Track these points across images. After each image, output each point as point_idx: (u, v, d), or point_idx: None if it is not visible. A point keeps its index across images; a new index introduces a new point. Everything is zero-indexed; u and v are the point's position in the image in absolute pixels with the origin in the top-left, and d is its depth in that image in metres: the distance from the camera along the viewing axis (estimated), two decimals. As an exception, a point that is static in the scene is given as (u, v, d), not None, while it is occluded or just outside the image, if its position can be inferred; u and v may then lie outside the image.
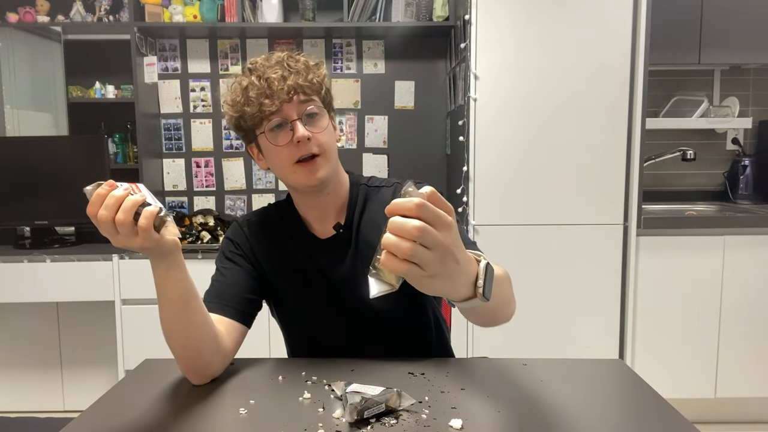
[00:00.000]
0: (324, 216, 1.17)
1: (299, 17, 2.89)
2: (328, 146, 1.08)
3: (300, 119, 1.05)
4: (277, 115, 1.04)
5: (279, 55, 1.08)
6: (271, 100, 1.03)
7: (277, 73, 1.04)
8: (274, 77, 1.03)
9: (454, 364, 1.10)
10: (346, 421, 0.85)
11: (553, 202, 2.39)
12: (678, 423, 0.88)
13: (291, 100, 1.04)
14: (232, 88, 1.09)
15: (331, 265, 1.16)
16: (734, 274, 2.45)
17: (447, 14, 2.80)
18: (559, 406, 0.92)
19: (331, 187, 1.13)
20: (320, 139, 1.06)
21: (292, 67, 1.06)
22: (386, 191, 1.19)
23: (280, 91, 1.03)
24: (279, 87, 1.03)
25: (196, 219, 2.64)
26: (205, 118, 3.03)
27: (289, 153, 1.06)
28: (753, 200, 2.91)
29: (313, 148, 1.06)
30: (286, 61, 1.06)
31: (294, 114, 1.05)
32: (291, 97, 1.04)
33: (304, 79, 1.05)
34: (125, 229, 0.83)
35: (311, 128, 1.06)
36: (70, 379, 2.78)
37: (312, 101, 1.07)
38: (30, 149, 2.59)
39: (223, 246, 1.21)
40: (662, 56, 2.59)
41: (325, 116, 1.09)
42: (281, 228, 1.19)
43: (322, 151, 1.07)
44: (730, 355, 2.48)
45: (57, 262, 2.43)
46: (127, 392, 1.00)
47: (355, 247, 1.15)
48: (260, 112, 1.04)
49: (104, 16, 2.83)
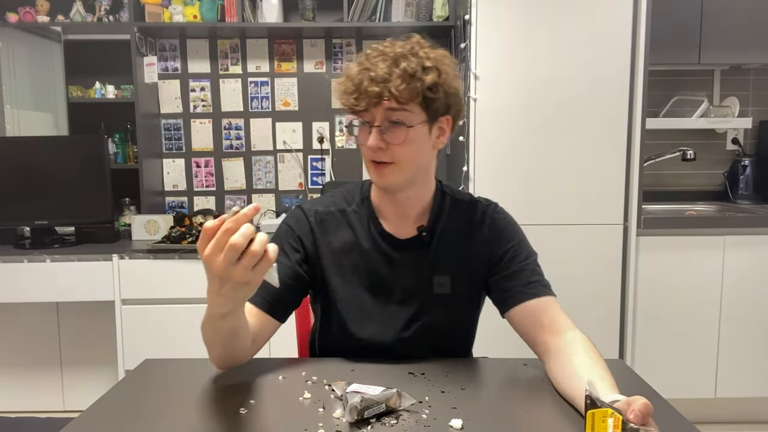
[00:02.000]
0: (403, 216, 1.16)
1: (299, 17, 2.89)
2: (404, 157, 1.06)
3: (380, 126, 1.04)
4: (363, 113, 1.05)
5: (398, 49, 1.04)
6: (359, 101, 1.03)
7: (376, 73, 1.01)
8: (369, 77, 1.01)
9: (454, 364, 1.10)
10: (346, 421, 0.85)
11: (553, 202, 2.39)
12: (678, 423, 0.88)
13: (380, 104, 1.02)
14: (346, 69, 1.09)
15: (405, 266, 1.15)
16: (734, 274, 2.45)
17: (447, 14, 2.80)
18: (560, 406, 0.92)
19: (409, 192, 1.13)
20: (395, 150, 1.05)
21: (395, 69, 1.01)
22: (466, 205, 1.19)
23: (370, 94, 1.01)
24: (370, 88, 1.01)
25: (196, 219, 2.64)
26: (205, 118, 3.03)
27: (366, 151, 1.07)
28: (753, 200, 2.91)
29: (385, 158, 1.05)
30: (393, 62, 1.02)
31: (377, 119, 1.04)
32: (380, 101, 1.02)
33: (401, 85, 1.00)
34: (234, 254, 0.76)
35: (389, 137, 1.04)
36: (70, 379, 2.78)
37: (403, 110, 1.03)
38: (30, 149, 2.59)
39: (281, 232, 1.17)
40: (662, 56, 2.59)
41: (413, 126, 1.04)
42: (355, 221, 1.17)
43: (395, 161, 1.06)
44: (730, 355, 2.48)
45: (57, 262, 2.43)
46: (127, 392, 1.00)
47: (431, 251, 1.15)
48: (351, 106, 1.05)
49: (104, 16, 2.83)
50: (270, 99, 3.03)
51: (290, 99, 3.03)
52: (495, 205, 1.21)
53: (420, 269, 1.15)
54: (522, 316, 1.08)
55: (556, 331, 1.04)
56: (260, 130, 3.05)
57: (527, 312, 1.08)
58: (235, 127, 3.04)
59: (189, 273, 2.44)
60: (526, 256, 1.15)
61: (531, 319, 1.07)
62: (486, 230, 1.16)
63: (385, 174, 1.07)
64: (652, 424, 0.72)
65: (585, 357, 0.95)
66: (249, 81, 3.02)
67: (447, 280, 1.15)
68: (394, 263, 1.15)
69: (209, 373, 1.06)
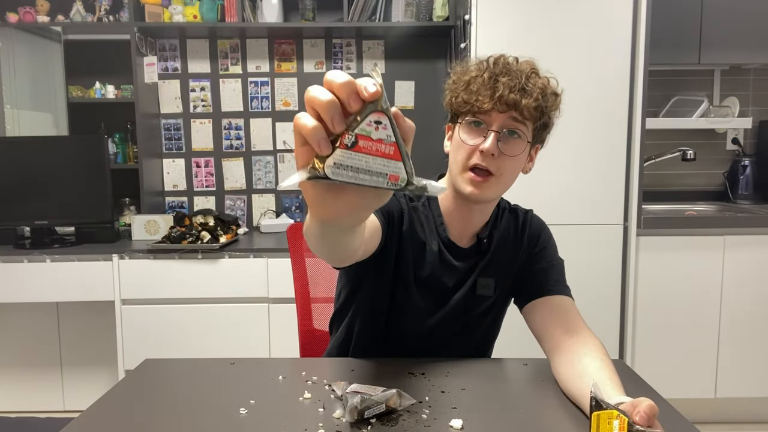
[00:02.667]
0: (467, 227, 1.16)
1: (299, 17, 2.89)
2: (507, 172, 1.05)
3: (499, 132, 1.02)
4: (483, 115, 1.03)
5: (524, 66, 1.06)
6: (488, 101, 1.01)
7: (510, 82, 1.01)
8: (505, 83, 1.01)
9: (454, 364, 1.10)
10: (346, 421, 0.85)
11: (553, 202, 2.39)
12: (678, 423, 0.88)
13: (504, 112, 1.02)
14: (465, 67, 1.08)
15: (462, 273, 1.16)
16: (734, 274, 2.45)
17: (447, 14, 2.80)
18: (560, 406, 0.92)
19: (484, 206, 1.14)
20: (504, 163, 1.03)
21: (527, 86, 1.02)
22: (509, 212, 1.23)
23: (501, 99, 1.00)
24: (503, 93, 1.00)
25: (196, 219, 2.64)
26: (205, 118, 3.03)
27: (469, 154, 1.04)
28: (753, 200, 2.91)
29: (492, 166, 1.03)
30: (526, 77, 1.03)
31: (497, 124, 1.02)
32: (506, 109, 1.01)
33: (529, 101, 1.01)
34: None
35: (504, 146, 1.03)
36: (70, 379, 2.78)
37: (523, 124, 1.03)
38: (30, 149, 2.59)
39: None
40: (662, 56, 2.59)
41: (524, 144, 1.05)
42: (423, 221, 1.16)
43: (498, 174, 1.04)
44: (730, 355, 2.48)
45: (57, 262, 2.43)
46: (127, 392, 1.00)
47: (486, 259, 1.17)
48: (472, 104, 1.03)
49: (104, 16, 2.83)
50: (270, 99, 3.03)
51: (290, 99, 3.03)
52: (531, 212, 1.27)
53: (472, 274, 1.17)
54: (539, 310, 1.11)
55: (570, 330, 1.05)
56: (260, 130, 3.05)
57: (545, 306, 1.11)
58: (235, 127, 3.04)
59: (189, 273, 2.44)
60: (554, 258, 1.19)
61: (548, 314, 1.09)
62: (526, 236, 1.21)
63: (484, 186, 1.05)
64: (657, 426, 0.72)
65: (595, 358, 0.96)
66: (249, 81, 3.02)
67: (491, 283, 1.18)
68: (454, 272, 1.16)
69: (209, 373, 1.06)
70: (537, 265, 1.17)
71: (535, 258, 1.18)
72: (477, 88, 1.02)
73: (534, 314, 1.12)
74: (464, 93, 1.04)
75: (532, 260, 1.18)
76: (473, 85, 1.03)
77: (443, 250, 1.15)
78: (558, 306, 1.10)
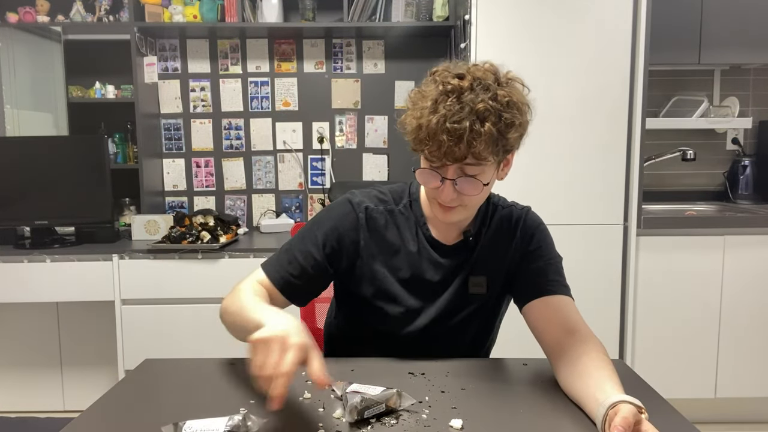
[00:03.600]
0: (450, 226, 1.16)
1: (299, 17, 2.89)
2: (473, 203, 1.07)
3: (454, 180, 1.00)
4: (435, 166, 1.01)
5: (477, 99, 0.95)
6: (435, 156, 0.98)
7: (456, 131, 0.94)
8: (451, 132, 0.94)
9: (454, 364, 1.10)
10: (346, 421, 0.85)
11: (553, 202, 2.39)
12: (678, 423, 0.88)
13: (458, 161, 0.99)
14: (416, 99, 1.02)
15: (449, 270, 1.16)
16: (734, 274, 2.45)
17: (447, 14, 2.80)
18: (560, 406, 0.92)
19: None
20: (466, 197, 1.03)
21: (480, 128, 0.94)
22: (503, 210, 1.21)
23: (451, 153, 0.96)
24: (451, 147, 0.95)
25: (196, 219, 2.64)
26: (205, 118, 3.03)
27: (433, 192, 1.06)
28: (753, 200, 2.91)
29: (455, 203, 1.04)
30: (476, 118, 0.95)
31: (451, 173, 1.00)
32: (456, 161, 0.98)
33: (479, 148, 0.95)
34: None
35: (463, 188, 1.01)
36: (70, 379, 2.78)
37: (482, 164, 1.00)
38: (30, 149, 2.59)
39: (321, 220, 1.15)
40: (662, 56, 2.59)
41: (487, 174, 1.02)
42: (402, 223, 1.16)
43: (463, 206, 1.06)
44: (730, 355, 2.48)
45: (57, 262, 2.43)
46: (127, 392, 1.00)
47: (474, 255, 1.17)
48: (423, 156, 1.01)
49: (104, 16, 2.83)
50: (270, 99, 3.03)
51: (290, 99, 3.03)
52: (528, 209, 1.24)
53: (461, 272, 1.17)
54: (538, 310, 1.10)
55: (569, 329, 1.04)
56: (260, 130, 3.05)
57: (544, 306, 1.10)
58: (235, 127, 3.04)
59: (189, 273, 2.44)
60: (551, 256, 1.18)
61: (547, 314, 1.09)
62: (519, 233, 1.19)
63: (451, 215, 1.07)
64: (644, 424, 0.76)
65: (594, 357, 0.95)
66: (249, 81, 3.02)
67: (483, 281, 1.17)
68: (439, 268, 1.16)
69: (209, 373, 1.06)
70: (533, 264, 1.15)
71: (531, 257, 1.16)
72: (425, 138, 0.98)
73: (533, 314, 1.11)
74: (415, 141, 1.01)
75: (528, 259, 1.16)
76: (421, 133, 0.98)
77: (426, 248, 1.16)
78: (557, 306, 1.09)
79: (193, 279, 2.44)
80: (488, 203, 1.21)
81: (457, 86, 0.98)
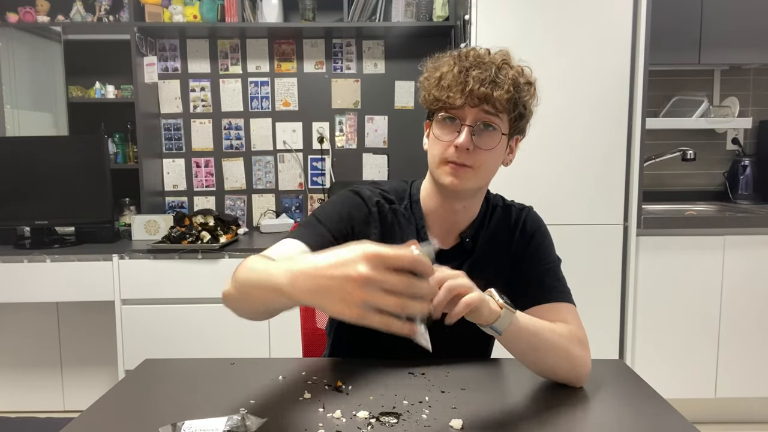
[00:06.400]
0: (450, 226, 1.16)
1: (299, 17, 2.89)
2: (485, 164, 1.06)
3: (473, 127, 1.02)
4: (456, 110, 1.03)
5: (496, 58, 1.05)
6: (460, 96, 1.01)
7: (481, 75, 1.00)
8: (475, 76, 1.00)
9: (454, 364, 1.10)
10: (345, 421, 0.84)
11: (553, 202, 2.39)
12: (678, 423, 0.88)
13: (476, 106, 1.01)
14: (436, 63, 1.08)
15: None
16: (734, 274, 2.45)
17: (447, 14, 2.80)
18: (560, 406, 0.92)
19: (467, 201, 1.13)
20: (480, 156, 1.03)
21: (498, 78, 1.01)
22: (502, 210, 1.21)
23: (472, 93, 1.00)
24: (474, 88, 1.00)
25: (196, 219, 2.64)
26: (205, 118, 3.03)
27: (445, 149, 1.04)
28: (753, 200, 2.91)
29: (468, 161, 1.03)
30: (497, 68, 1.02)
31: (471, 119, 1.02)
32: (481, 103, 1.01)
33: (501, 93, 1.00)
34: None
35: (478, 140, 1.03)
36: (70, 379, 2.78)
37: (497, 117, 1.03)
38: (30, 149, 2.59)
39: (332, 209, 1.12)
40: (662, 56, 2.59)
41: (499, 136, 1.04)
42: (403, 223, 1.16)
43: (476, 167, 1.04)
44: (730, 355, 2.48)
45: (57, 262, 2.43)
46: (127, 392, 1.00)
47: (472, 258, 1.16)
48: (444, 101, 1.03)
49: (104, 16, 2.83)
50: (270, 99, 3.03)
51: (290, 99, 3.03)
52: (529, 209, 1.24)
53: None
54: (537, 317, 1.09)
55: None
56: (260, 130, 3.05)
57: (538, 315, 1.07)
58: (235, 127, 3.04)
59: (189, 273, 2.44)
60: (549, 260, 1.16)
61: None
62: (518, 234, 1.18)
63: (462, 176, 1.05)
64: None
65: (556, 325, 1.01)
66: (249, 81, 3.02)
67: (481, 284, 1.16)
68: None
69: (209, 373, 1.06)
70: (532, 268, 1.14)
71: (530, 259, 1.15)
72: (448, 84, 1.02)
73: None
74: (436, 90, 1.04)
75: (527, 261, 1.15)
76: (444, 81, 1.03)
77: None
78: (551, 314, 1.07)
79: (193, 279, 2.44)
80: (487, 204, 1.20)
81: (475, 52, 1.06)
